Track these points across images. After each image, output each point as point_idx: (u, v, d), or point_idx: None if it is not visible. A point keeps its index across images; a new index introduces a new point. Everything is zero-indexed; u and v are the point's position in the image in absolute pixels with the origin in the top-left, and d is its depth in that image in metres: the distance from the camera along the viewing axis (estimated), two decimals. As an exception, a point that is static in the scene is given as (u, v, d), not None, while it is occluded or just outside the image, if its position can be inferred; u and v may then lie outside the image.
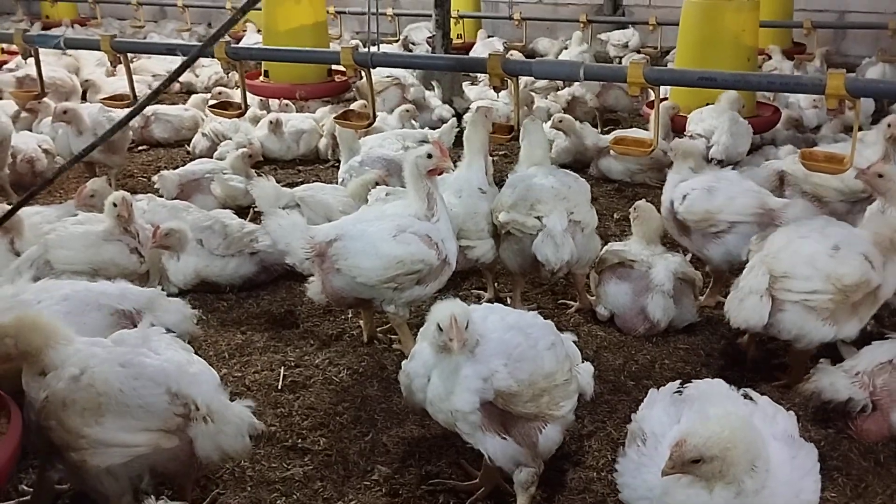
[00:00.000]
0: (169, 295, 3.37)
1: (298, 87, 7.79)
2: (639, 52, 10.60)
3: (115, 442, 2.39)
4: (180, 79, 9.56)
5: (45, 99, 6.53)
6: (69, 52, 8.13)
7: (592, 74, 4.41)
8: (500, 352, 2.52)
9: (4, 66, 8.66)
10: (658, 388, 2.59)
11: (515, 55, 7.72)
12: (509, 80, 4.42)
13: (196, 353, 2.74)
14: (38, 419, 2.40)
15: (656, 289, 3.87)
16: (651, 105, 5.80)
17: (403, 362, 2.77)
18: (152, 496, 2.22)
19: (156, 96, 3.27)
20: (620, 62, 9.94)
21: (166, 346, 2.60)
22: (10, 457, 2.26)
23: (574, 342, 2.89)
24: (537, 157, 4.12)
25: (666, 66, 9.57)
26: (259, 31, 11.48)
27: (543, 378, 2.54)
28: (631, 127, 7.16)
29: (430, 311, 2.55)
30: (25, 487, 2.85)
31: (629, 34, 11.22)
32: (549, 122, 6.47)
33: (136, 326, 2.95)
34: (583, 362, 2.88)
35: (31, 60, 5.88)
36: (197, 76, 9.77)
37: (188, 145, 7.08)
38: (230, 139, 6.68)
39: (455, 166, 4.18)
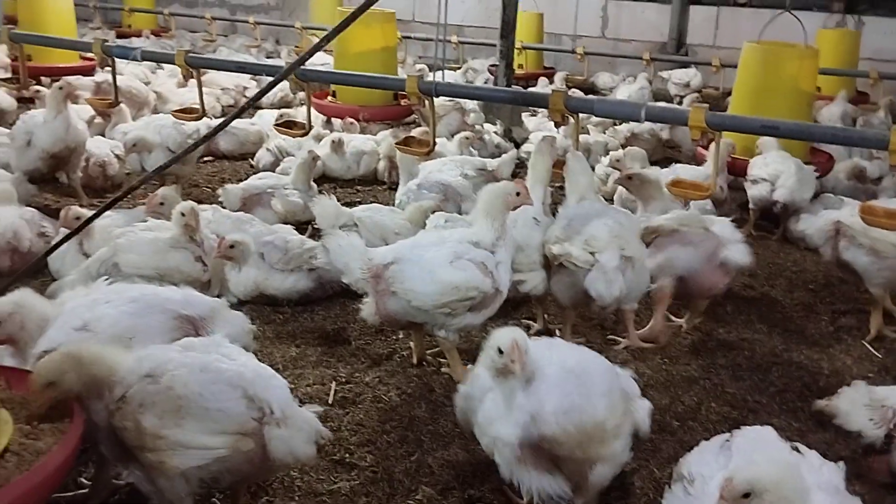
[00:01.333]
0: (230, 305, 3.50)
1: (362, 108, 7.99)
2: (700, 92, 10.61)
3: (195, 444, 2.45)
4: (246, 94, 9.88)
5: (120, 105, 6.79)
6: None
7: (653, 116, 4.48)
8: (552, 397, 2.53)
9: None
10: (705, 433, 2.63)
11: (577, 93, 7.80)
12: (570, 116, 4.50)
13: (254, 362, 2.84)
14: (111, 420, 2.48)
15: (733, 240, 4.09)
16: (707, 145, 5.83)
17: (460, 385, 2.84)
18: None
19: (238, 115, 3.42)
20: (681, 101, 9.96)
21: (238, 353, 2.69)
22: (71, 452, 2.36)
23: (632, 377, 2.90)
24: (582, 188, 4.18)
25: (727, 107, 9.58)
26: (325, 51, 11.80)
27: (593, 426, 2.55)
28: (689, 163, 7.18)
29: (490, 336, 2.62)
30: (84, 480, 2.97)
31: (691, 74, 11.24)
32: (608, 158, 6.52)
33: (197, 333, 3.08)
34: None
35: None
36: (263, 92, 10.01)
37: (252, 159, 7.28)
38: (293, 155, 6.87)
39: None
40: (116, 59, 6.09)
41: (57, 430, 2.44)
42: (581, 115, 4.80)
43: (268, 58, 12.96)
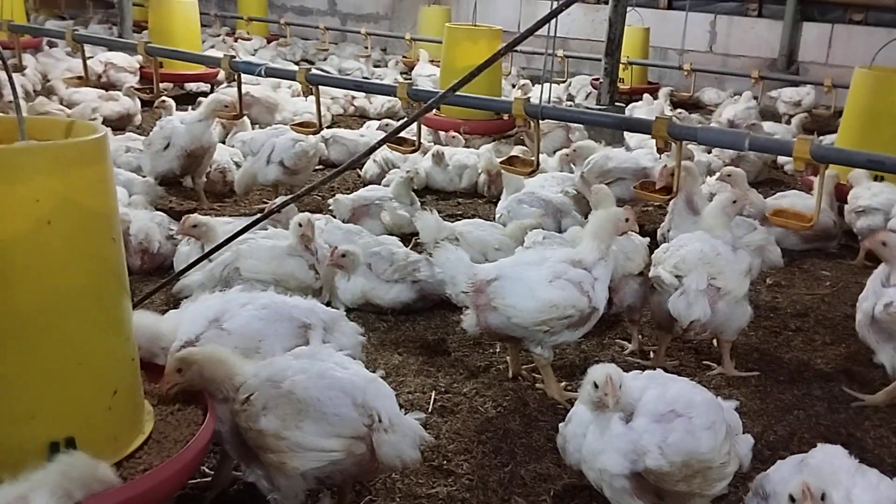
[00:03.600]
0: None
1: (464, 122, 8.20)
2: (810, 112, 10.37)
3: (314, 446, 2.65)
4: (354, 103, 10.25)
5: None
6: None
7: (757, 146, 4.50)
8: (654, 429, 2.63)
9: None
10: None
11: (683, 113, 7.81)
12: (673, 143, 4.58)
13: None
14: (236, 421, 2.71)
15: None
16: (813, 173, 5.77)
17: (560, 425, 2.99)
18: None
19: (380, 146, 3.68)
20: (790, 120, 9.78)
21: (350, 362, 2.91)
22: (206, 443, 2.63)
23: (735, 409, 2.96)
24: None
25: (837, 129, 9.35)
26: (431, 60, 12.10)
27: (698, 461, 2.63)
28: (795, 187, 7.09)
29: (587, 373, 2.76)
30: (207, 470, 3.25)
31: (803, 92, 10.99)
32: (715, 176, 6.50)
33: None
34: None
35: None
36: (370, 103, 10.38)
37: (360, 169, 7.59)
38: (398, 167, 7.13)
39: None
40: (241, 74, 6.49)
41: (192, 423, 2.71)
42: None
43: (375, 66, 13.37)
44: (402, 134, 7.33)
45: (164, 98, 7.18)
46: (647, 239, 4.51)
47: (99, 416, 2.41)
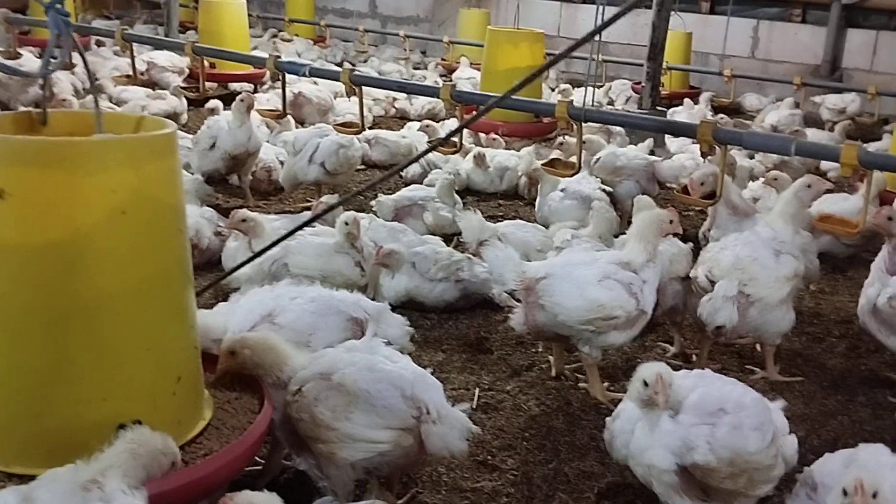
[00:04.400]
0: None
1: (504, 124, 8.25)
2: (854, 120, 10.28)
3: (363, 437, 2.72)
4: (395, 105, 10.36)
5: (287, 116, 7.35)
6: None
7: (804, 151, 4.49)
8: (704, 425, 2.67)
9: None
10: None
11: (724, 118, 7.79)
12: (718, 147, 4.59)
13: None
14: (288, 411, 2.79)
15: None
16: (861, 178, 5.73)
17: (608, 419, 3.03)
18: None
19: (428, 152, 3.78)
20: (833, 127, 9.70)
21: (398, 356, 2.98)
22: (263, 431, 2.71)
23: (787, 415, 2.99)
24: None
25: (882, 136, 9.26)
26: (471, 64, 12.17)
27: (745, 460, 2.66)
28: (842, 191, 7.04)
29: (637, 371, 2.81)
30: (257, 458, 3.33)
31: (848, 99, 10.86)
32: (759, 181, 6.48)
33: (363, 334, 3.41)
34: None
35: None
36: (411, 104, 10.47)
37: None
38: (440, 168, 7.20)
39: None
40: (286, 74, 6.61)
41: (249, 411, 2.80)
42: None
43: (415, 69, 13.46)
44: (441, 134, 7.47)
45: (214, 106, 7.33)
46: (691, 244, 4.52)
47: (164, 400, 2.50)
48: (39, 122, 2.57)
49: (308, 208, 6.00)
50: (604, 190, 6.13)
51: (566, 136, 6.47)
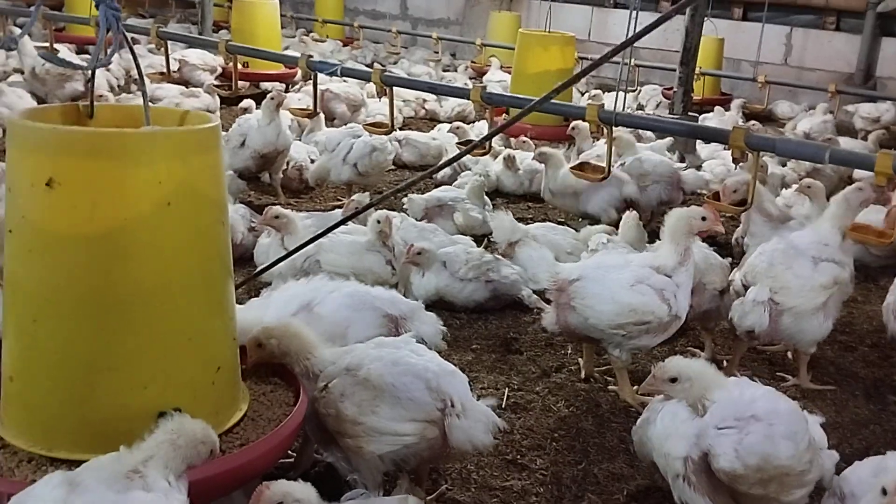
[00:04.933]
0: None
1: (532, 127, 8.25)
2: (888, 129, 10.16)
3: (388, 431, 2.75)
4: (426, 106, 10.40)
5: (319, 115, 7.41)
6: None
7: (838, 159, 4.45)
8: (732, 431, 2.65)
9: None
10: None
11: (756, 125, 7.74)
12: (750, 154, 4.57)
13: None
14: (316, 406, 2.82)
15: None
16: (894, 189, 5.68)
17: (641, 418, 3.05)
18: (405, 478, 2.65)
19: (463, 155, 3.80)
20: (866, 136, 9.59)
21: (425, 350, 3.00)
22: (299, 423, 2.74)
23: (822, 424, 2.96)
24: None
25: (916, 146, 9.14)
26: (502, 67, 12.19)
27: (775, 467, 2.62)
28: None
29: (663, 365, 2.82)
30: (290, 451, 3.37)
31: (882, 108, 10.72)
32: (792, 188, 6.43)
33: (397, 330, 3.45)
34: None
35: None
36: (441, 106, 10.51)
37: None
38: (470, 170, 7.22)
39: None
40: (318, 74, 6.66)
41: (284, 403, 2.84)
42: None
43: (444, 71, 13.49)
44: (471, 136, 7.49)
45: (246, 107, 7.39)
46: (729, 259, 4.49)
47: (204, 389, 2.54)
48: (86, 115, 2.63)
49: (339, 207, 6.04)
50: (626, 200, 6.13)
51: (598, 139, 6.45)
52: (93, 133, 2.39)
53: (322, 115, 7.57)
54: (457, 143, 7.08)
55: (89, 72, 2.44)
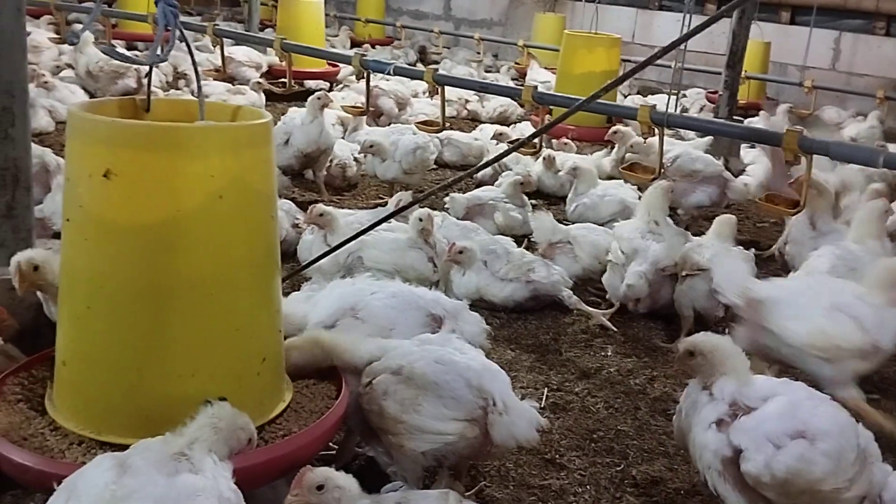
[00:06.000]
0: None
1: (575, 128, 8.22)
2: (939, 135, 9.95)
3: (430, 429, 2.77)
4: (468, 107, 10.42)
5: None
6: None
7: (892, 163, 4.38)
8: (770, 445, 2.58)
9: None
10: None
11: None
12: (803, 156, 4.52)
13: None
14: (360, 402, 2.86)
15: None
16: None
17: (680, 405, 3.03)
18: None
19: (510, 152, 3.83)
20: (916, 143, 9.40)
21: (468, 348, 3.03)
22: (341, 415, 2.78)
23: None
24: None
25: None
26: (544, 66, 12.16)
27: (806, 482, 2.55)
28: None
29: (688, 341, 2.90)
30: (331, 444, 3.41)
31: (931, 115, 10.51)
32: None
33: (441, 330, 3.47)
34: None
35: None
36: (483, 107, 10.52)
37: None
38: (511, 170, 7.22)
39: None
40: (371, 73, 6.73)
41: (326, 396, 2.88)
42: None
43: (486, 72, 13.50)
44: (515, 136, 7.50)
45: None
46: (753, 249, 4.45)
47: (249, 379, 2.59)
48: (143, 109, 2.69)
49: (381, 205, 6.10)
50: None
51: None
52: (150, 126, 2.46)
53: (364, 119, 7.64)
54: (508, 142, 7.11)
55: (142, 69, 2.50)
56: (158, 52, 2.55)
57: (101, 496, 2.00)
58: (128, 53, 8.02)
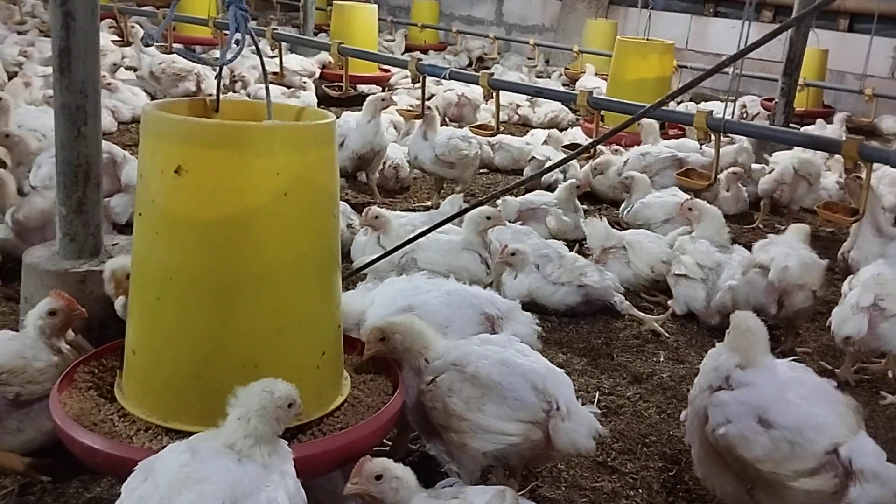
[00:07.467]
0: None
1: (626, 135, 8.19)
2: None
3: (494, 429, 2.79)
4: (519, 112, 10.45)
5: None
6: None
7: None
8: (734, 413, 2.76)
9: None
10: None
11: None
12: (862, 165, 4.46)
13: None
14: (422, 399, 2.89)
15: None
16: None
17: None
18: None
19: (574, 158, 3.86)
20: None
21: (530, 351, 3.04)
22: (397, 411, 2.82)
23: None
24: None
25: None
26: (596, 73, 12.13)
27: (740, 456, 2.73)
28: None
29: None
30: (385, 441, 3.46)
31: None
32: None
33: (493, 329, 3.50)
34: None
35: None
36: (534, 112, 10.54)
37: (522, 175, 7.75)
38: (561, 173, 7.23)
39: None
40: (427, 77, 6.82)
41: (383, 392, 2.92)
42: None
43: (538, 77, 13.51)
44: (568, 143, 7.50)
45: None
46: (827, 261, 4.41)
47: (309, 372, 2.65)
48: (212, 108, 2.78)
49: (434, 207, 6.16)
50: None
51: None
52: (220, 125, 2.54)
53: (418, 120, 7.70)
54: (562, 147, 7.12)
55: (202, 73, 2.58)
56: (228, 55, 2.63)
57: (177, 477, 2.08)
58: (198, 55, 8.22)
